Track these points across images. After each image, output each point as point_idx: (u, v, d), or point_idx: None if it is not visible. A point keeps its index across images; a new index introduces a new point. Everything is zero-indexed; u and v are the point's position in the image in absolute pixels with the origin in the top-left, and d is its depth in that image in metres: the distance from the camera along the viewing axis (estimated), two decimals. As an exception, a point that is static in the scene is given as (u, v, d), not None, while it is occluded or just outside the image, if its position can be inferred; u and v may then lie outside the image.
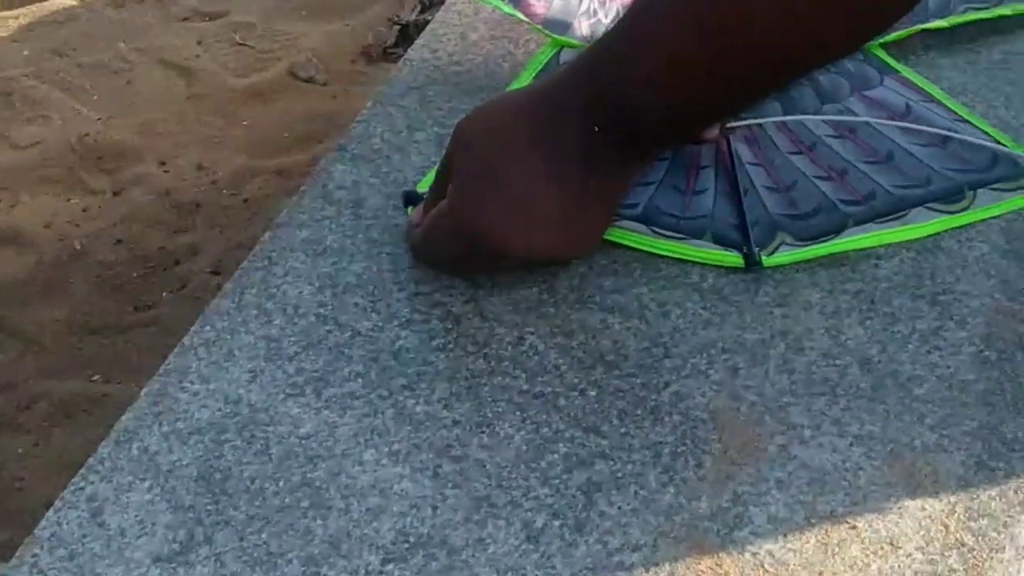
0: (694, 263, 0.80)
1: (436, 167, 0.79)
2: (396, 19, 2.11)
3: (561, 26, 0.93)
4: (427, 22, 1.76)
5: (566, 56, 0.93)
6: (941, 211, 0.82)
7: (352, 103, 1.89)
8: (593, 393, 0.72)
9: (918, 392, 0.72)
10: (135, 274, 1.59)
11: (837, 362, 0.74)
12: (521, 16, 0.91)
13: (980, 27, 0.97)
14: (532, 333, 0.75)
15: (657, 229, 0.80)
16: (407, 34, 2.07)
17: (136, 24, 2.10)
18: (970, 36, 0.97)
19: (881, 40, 0.96)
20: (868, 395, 0.72)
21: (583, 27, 0.94)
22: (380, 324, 0.76)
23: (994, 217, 0.83)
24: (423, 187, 0.82)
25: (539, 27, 0.92)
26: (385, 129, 0.90)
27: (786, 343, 0.75)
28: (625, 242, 0.80)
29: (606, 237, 0.79)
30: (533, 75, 0.91)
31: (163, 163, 1.79)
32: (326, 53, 2.02)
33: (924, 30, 0.97)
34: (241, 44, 2.06)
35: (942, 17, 0.96)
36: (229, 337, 0.75)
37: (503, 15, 0.99)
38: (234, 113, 1.89)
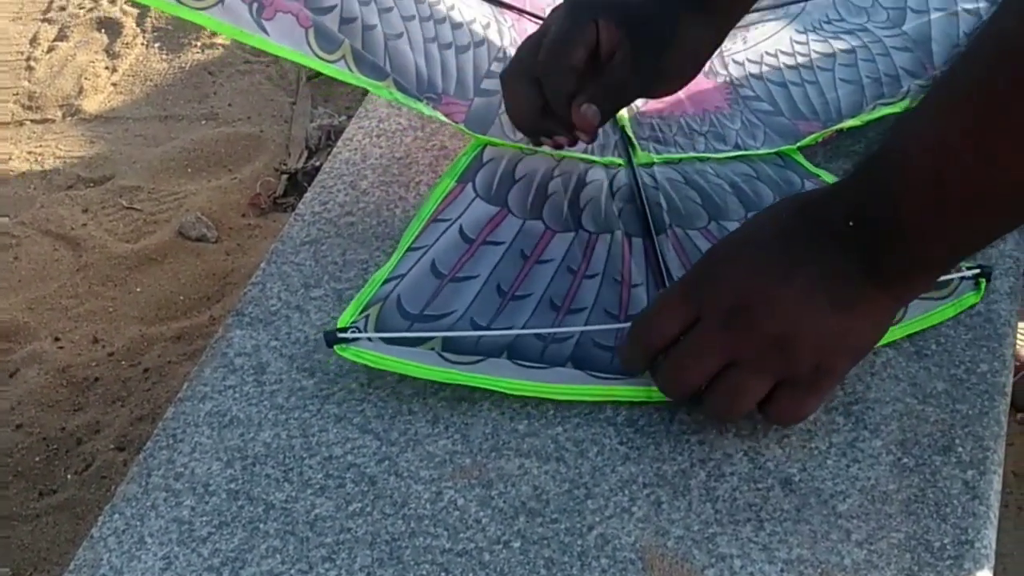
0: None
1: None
2: (283, 168, 2.11)
3: (482, 125, 0.93)
4: (315, 169, 1.76)
5: (489, 154, 0.92)
6: None
7: (246, 259, 1.87)
8: (517, 544, 0.70)
9: (842, 508, 0.72)
10: (37, 458, 1.55)
11: (759, 485, 0.73)
12: (442, 117, 0.90)
13: (888, 120, 0.98)
14: (450, 487, 0.74)
15: (592, 372, 0.79)
16: (296, 182, 2.07)
17: (20, 196, 2.08)
18: (879, 130, 0.98)
19: (798, 144, 0.97)
20: (793, 517, 0.71)
21: (504, 125, 0.93)
22: (294, 494, 0.74)
23: (925, 329, 0.83)
24: (343, 323, 0.80)
25: (460, 126, 0.91)
26: (281, 289, 0.89)
27: (706, 471, 0.74)
28: (558, 397, 0.78)
29: (538, 394, 0.78)
30: (457, 175, 0.90)
31: (57, 339, 1.76)
32: (215, 209, 2.01)
33: (839, 130, 0.98)
34: (128, 208, 2.04)
35: (855, 116, 0.98)
36: (139, 523, 0.73)
37: (391, 159, 0.99)
38: (126, 280, 1.87)
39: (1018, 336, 0.86)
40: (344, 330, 0.79)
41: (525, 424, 0.78)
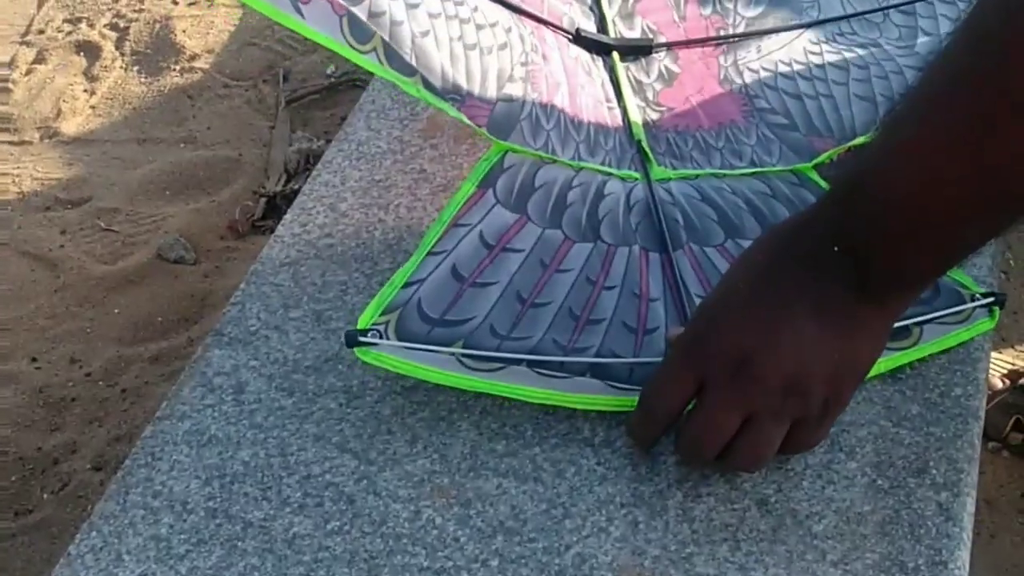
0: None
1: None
2: (262, 191, 2.11)
3: (504, 130, 0.92)
4: (294, 192, 1.76)
5: (510, 160, 0.91)
6: (890, 348, 0.81)
7: (224, 281, 1.87)
8: (495, 563, 0.71)
9: (817, 529, 0.72)
10: (13, 478, 1.55)
11: (735, 506, 0.74)
12: (465, 119, 0.89)
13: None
14: (428, 506, 0.74)
15: (612, 383, 0.79)
16: (274, 205, 2.07)
17: (-4, 218, 2.07)
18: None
19: (813, 163, 0.97)
20: (769, 537, 0.72)
21: (525, 132, 0.93)
22: (272, 512, 0.74)
23: (942, 352, 0.83)
24: (363, 324, 0.79)
25: (483, 131, 0.91)
26: (261, 309, 0.89)
27: (683, 491, 0.75)
28: (578, 407, 0.79)
29: (557, 403, 0.79)
30: (478, 180, 0.89)
31: (34, 359, 1.75)
32: (193, 232, 2.00)
33: (851, 147, 0.97)
34: (106, 230, 2.04)
35: (866, 134, 0.98)
36: (116, 541, 0.73)
37: (371, 181, 0.99)
38: (104, 301, 1.86)
39: (991, 365, 0.87)
40: (365, 332, 0.78)
41: (503, 444, 0.78)
